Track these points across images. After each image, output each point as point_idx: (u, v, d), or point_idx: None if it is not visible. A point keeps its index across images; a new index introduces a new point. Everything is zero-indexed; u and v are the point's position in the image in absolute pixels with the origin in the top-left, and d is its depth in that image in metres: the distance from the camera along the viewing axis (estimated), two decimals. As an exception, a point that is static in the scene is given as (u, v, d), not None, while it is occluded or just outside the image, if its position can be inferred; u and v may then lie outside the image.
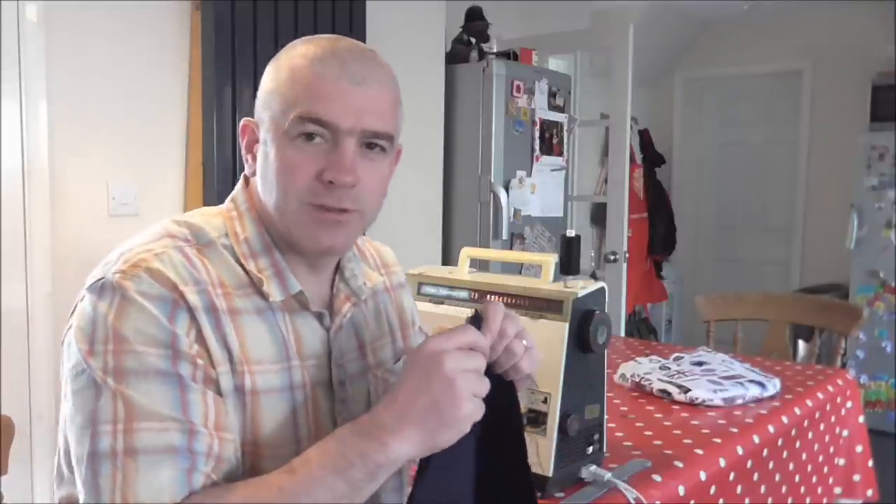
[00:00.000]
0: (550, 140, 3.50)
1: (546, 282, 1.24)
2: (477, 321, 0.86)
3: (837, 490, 1.93)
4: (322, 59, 0.88)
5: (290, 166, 0.88)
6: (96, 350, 0.80)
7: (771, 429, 1.58)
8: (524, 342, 0.90)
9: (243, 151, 0.96)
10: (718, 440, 1.46)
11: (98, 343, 0.81)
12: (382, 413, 0.79)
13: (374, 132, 0.89)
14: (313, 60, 0.88)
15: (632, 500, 1.17)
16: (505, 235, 3.27)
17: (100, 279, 0.84)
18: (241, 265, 0.91)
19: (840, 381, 1.96)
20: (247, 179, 0.98)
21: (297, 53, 0.90)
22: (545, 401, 1.16)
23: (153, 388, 0.79)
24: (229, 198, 0.98)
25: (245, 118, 0.95)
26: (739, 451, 1.46)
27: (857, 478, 1.96)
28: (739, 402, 1.70)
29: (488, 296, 1.23)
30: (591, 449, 1.24)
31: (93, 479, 0.78)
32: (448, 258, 3.34)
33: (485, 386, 0.81)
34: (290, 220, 0.90)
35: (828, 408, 1.85)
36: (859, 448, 1.97)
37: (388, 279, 1.13)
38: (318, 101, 0.87)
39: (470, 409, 0.79)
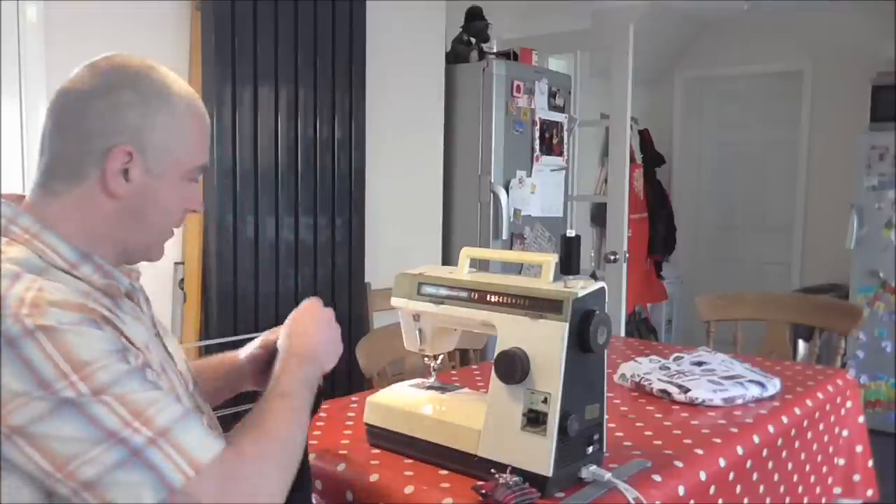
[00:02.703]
0: (550, 140, 3.50)
1: (546, 282, 1.24)
2: None
3: (837, 490, 1.93)
4: (202, 111, 1.04)
5: (178, 204, 1.02)
6: (58, 388, 0.80)
7: (771, 429, 1.58)
8: None
9: (113, 175, 0.95)
10: (718, 440, 1.46)
11: (55, 381, 0.80)
12: (306, 345, 1.10)
13: None
14: (200, 111, 1.03)
15: (632, 500, 1.17)
16: (505, 235, 3.27)
17: None
18: (73, 276, 0.93)
19: (840, 381, 1.96)
20: (17, 201, 0.97)
21: (186, 101, 1.01)
22: (545, 401, 1.16)
23: (133, 384, 0.85)
24: (5, 229, 0.93)
25: (123, 144, 0.95)
26: (739, 451, 1.46)
27: (857, 478, 1.96)
28: (739, 402, 1.70)
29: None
30: (591, 449, 1.24)
31: (147, 471, 0.81)
32: (448, 258, 3.34)
33: None
34: (155, 246, 1.04)
35: (828, 408, 1.85)
36: (859, 448, 1.97)
37: None
38: (207, 151, 1.05)
39: (340, 349, 1.15)
